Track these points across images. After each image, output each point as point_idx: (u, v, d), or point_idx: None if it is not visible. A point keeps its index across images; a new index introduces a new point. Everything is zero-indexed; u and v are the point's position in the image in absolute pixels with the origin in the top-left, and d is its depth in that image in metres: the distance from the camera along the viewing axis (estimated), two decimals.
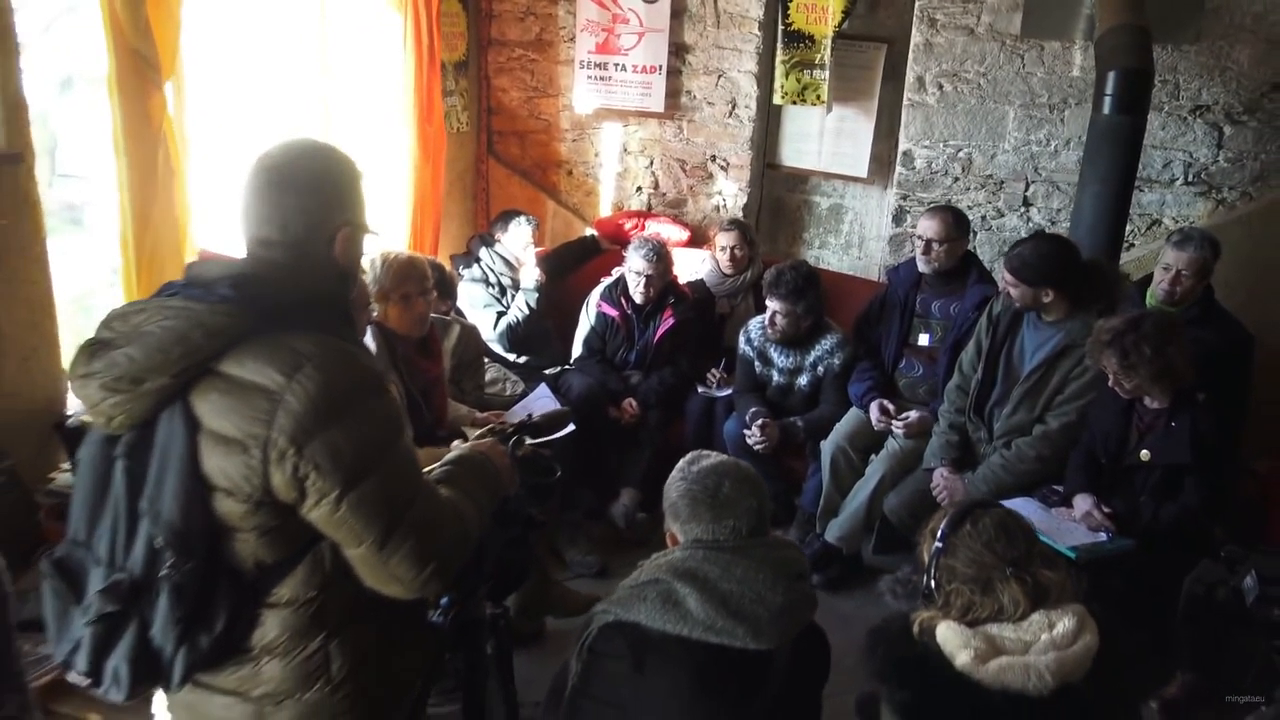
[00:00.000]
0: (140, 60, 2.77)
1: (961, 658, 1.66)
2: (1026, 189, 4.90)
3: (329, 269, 1.66)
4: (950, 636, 1.71)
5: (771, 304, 4.10)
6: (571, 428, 2.93)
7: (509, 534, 1.98)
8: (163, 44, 2.82)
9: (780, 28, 4.95)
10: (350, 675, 1.66)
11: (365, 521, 1.54)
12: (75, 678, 1.60)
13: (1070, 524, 3.16)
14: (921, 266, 3.99)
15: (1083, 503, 3.20)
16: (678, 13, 5.05)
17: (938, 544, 1.83)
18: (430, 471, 1.77)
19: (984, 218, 4.97)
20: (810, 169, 5.35)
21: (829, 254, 5.55)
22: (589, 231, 5.26)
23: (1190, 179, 4.71)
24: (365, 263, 3.19)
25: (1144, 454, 3.16)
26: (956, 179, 4.97)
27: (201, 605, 1.55)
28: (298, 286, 1.59)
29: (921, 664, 1.70)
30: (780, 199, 5.57)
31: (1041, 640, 1.69)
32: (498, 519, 1.90)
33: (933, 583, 1.82)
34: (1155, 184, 4.74)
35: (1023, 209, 4.92)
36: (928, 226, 3.94)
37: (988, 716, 1.62)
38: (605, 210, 5.43)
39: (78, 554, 1.63)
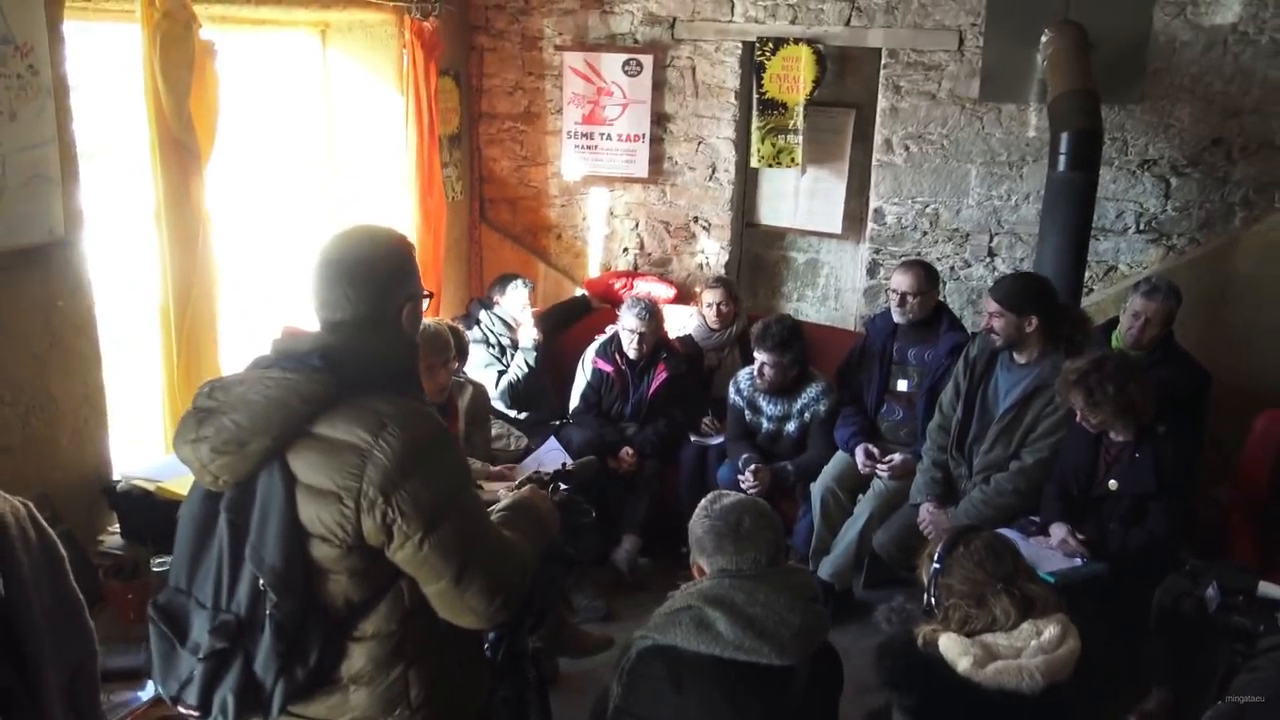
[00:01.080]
0: (182, 147, 3.02)
1: (963, 664, 1.90)
2: (990, 241, 5.22)
3: (397, 339, 1.89)
4: (951, 646, 1.95)
5: (760, 355, 4.37)
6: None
7: (549, 573, 2.20)
8: (203, 133, 3.07)
9: (755, 96, 5.27)
10: (427, 700, 1.87)
11: (444, 560, 1.76)
12: (185, 710, 1.80)
13: (1048, 551, 3.42)
14: (897, 318, 4.29)
15: (1058, 531, 3.46)
16: (659, 85, 5.37)
17: (935, 565, 2.07)
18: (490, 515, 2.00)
19: (952, 268, 5.29)
20: (787, 226, 5.66)
21: (807, 306, 5.84)
22: (579, 291, 5.53)
23: (1142, 227, 5.05)
24: None
25: (1111, 484, 3.44)
26: (925, 233, 5.28)
27: (298, 641, 1.76)
28: (374, 356, 1.82)
29: (926, 671, 1.94)
30: (759, 255, 5.87)
31: (1031, 645, 1.93)
32: (543, 557, 2.13)
33: (933, 600, 2.06)
34: (1110, 233, 5.08)
35: (988, 259, 5.24)
36: (901, 280, 4.24)
37: (987, 714, 1.86)
38: (594, 271, 5.70)
39: (179, 600, 1.84)
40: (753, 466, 4.32)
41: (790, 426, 4.50)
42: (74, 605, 2.12)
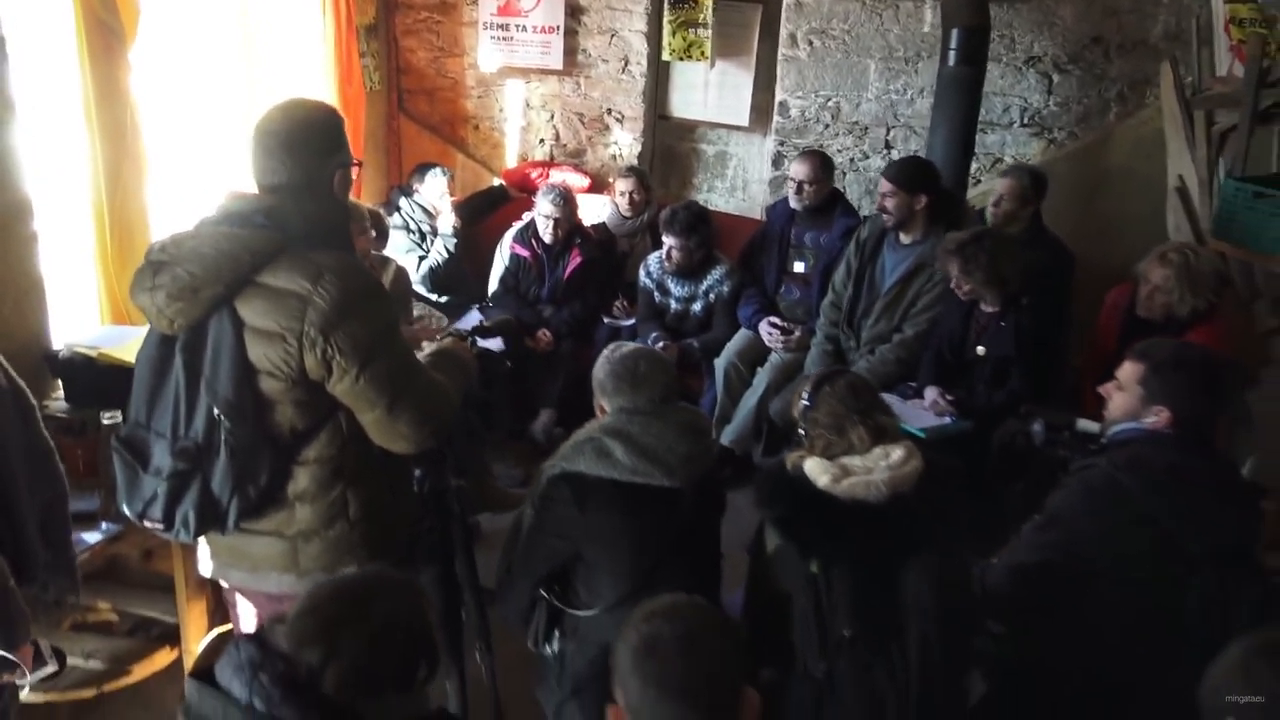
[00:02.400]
0: (107, 30, 3.13)
1: (822, 480, 2.23)
2: (888, 134, 5.52)
3: (330, 202, 2.12)
4: (814, 467, 2.28)
5: (667, 240, 4.65)
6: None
7: (469, 420, 2.48)
8: (126, 14, 3.17)
9: None
10: (363, 517, 2.16)
11: (378, 391, 2.03)
12: (150, 525, 2.06)
13: (921, 411, 3.81)
14: (794, 204, 4.59)
15: (930, 393, 3.85)
16: None
17: (804, 403, 2.40)
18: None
19: (851, 160, 5.59)
20: (697, 119, 5.89)
21: (716, 196, 6.10)
22: (497, 181, 5.71)
23: (1025, 121, 5.39)
24: None
25: (979, 350, 3.83)
26: (827, 126, 5.56)
27: (250, 463, 2.03)
28: (310, 216, 2.05)
29: (792, 487, 2.27)
30: (671, 147, 6.10)
31: (880, 465, 2.27)
32: (463, 404, 2.41)
33: (802, 431, 2.40)
34: (997, 126, 5.41)
35: (885, 151, 5.54)
36: (798, 169, 4.54)
37: (841, 519, 2.20)
38: (511, 162, 5.88)
39: (140, 433, 2.09)
40: (661, 344, 4.63)
41: (696, 306, 4.81)
42: (44, 449, 2.34)
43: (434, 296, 5.01)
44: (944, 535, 2.29)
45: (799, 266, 4.67)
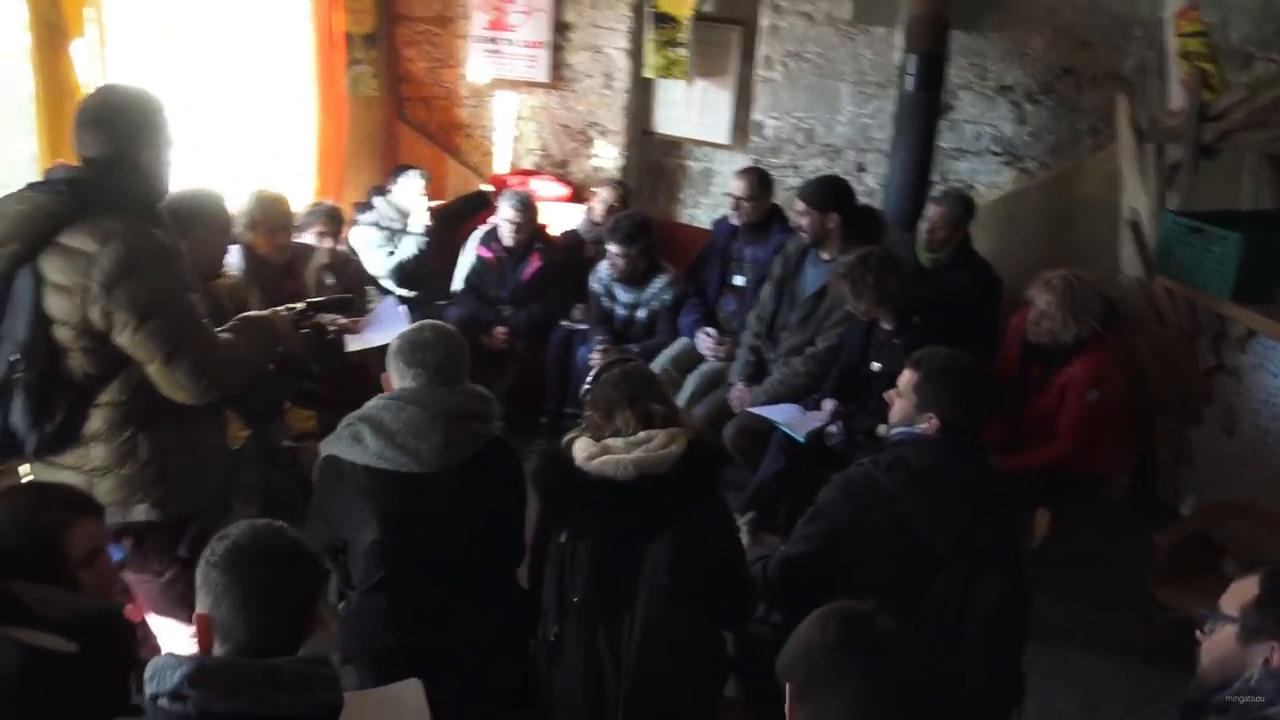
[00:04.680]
0: (53, 29, 3.47)
1: (580, 457, 2.39)
2: (859, 156, 5.62)
3: (137, 177, 2.37)
4: (579, 446, 2.44)
5: (610, 247, 4.83)
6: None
7: (297, 382, 2.70)
8: (69, 6, 3.51)
9: (649, 9, 5.63)
10: (153, 459, 2.40)
11: (155, 345, 2.27)
12: None
13: (812, 419, 3.91)
14: (733, 219, 4.74)
15: (827, 404, 3.95)
16: None
17: (585, 387, 2.56)
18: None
19: None
20: (680, 135, 6.06)
21: (700, 213, 6.24)
22: (484, 187, 5.97)
23: (997, 150, 5.43)
24: (245, 196, 3.94)
25: (875, 365, 3.91)
26: (801, 146, 5.68)
27: (45, 402, 2.29)
28: (113, 188, 2.31)
29: (556, 463, 2.43)
30: (659, 163, 6.28)
31: (638, 449, 2.41)
32: (284, 368, 2.63)
33: (582, 414, 2.56)
34: (968, 154, 5.46)
35: (857, 174, 5.62)
36: (736, 185, 4.68)
37: (587, 491, 2.34)
38: (502, 169, 6.14)
39: None
40: (600, 346, 4.81)
41: (640, 313, 4.97)
42: None
43: (402, 291, 5.27)
44: (697, 517, 2.41)
45: (738, 280, 4.80)
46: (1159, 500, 4.78)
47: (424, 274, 5.32)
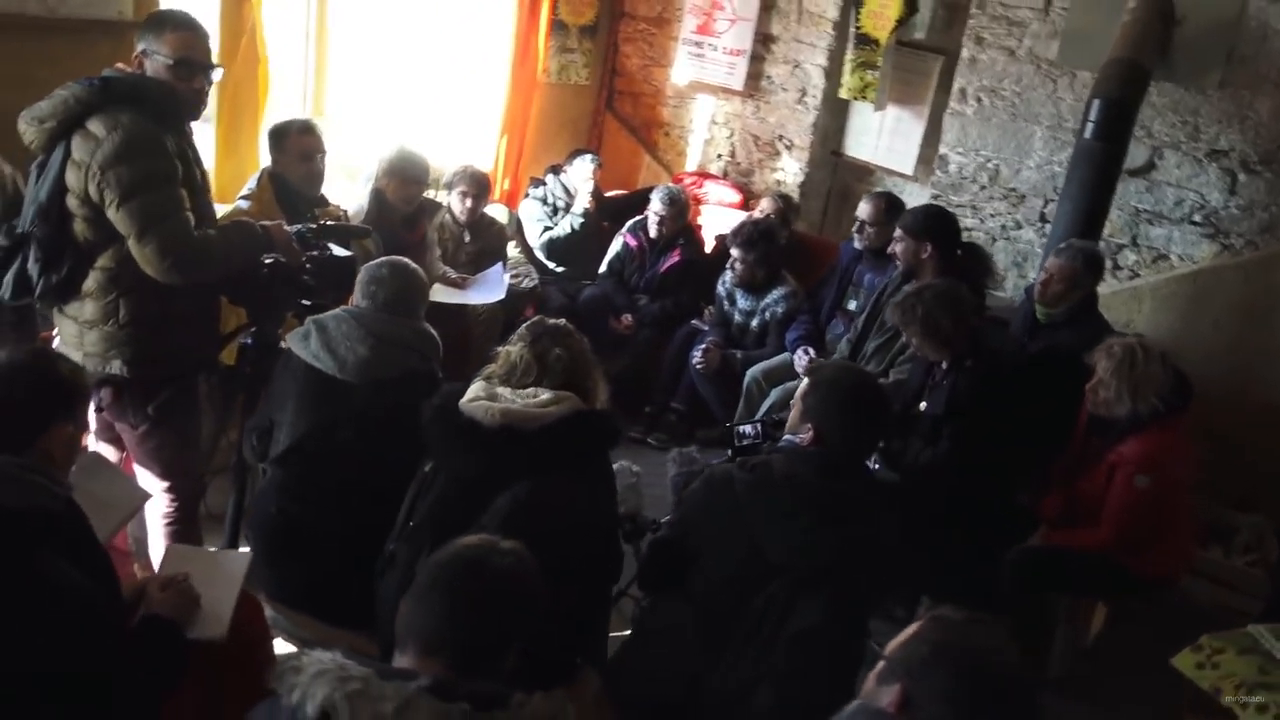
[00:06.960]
0: None
1: (464, 399, 2.50)
2: (1044, 205, 5.22)
3: (155, 82, 2.76)
4: (474, 386, 2.55)
5: (733, 251, 4.85)
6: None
7: (278, 290, 3.00)
8: None
9: (852, 29, 5.56)
10: (131, 322, 2.77)
11: (131, 221, 2.64)
12: None
13: None
14: (856, 243, 4.62)
15: None
16: (767, 6, 5.81)
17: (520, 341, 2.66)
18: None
19: (1003, 227, 5.35)
20: (867, 160, 5.92)
21: None
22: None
23: (1199, 220, 4.86)
24: (388, 150, 4.41)
25: (922, 405, 3.69)
26: (983, 187, 5.37)
27: (54, 255, 2.72)
28: (136, 87, 2.72)
29: (445, 395, 2.55)
30: (849, 186, 6.16)
31: (519, 400, 2.48)
32: (284, 283, 2.95)
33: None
34: (1166, 220, 4.94)
35: (1040, 224, 5.24)
36: (864, 209, 4.55)
37: (457, 430, 2.44)
38: (690, 169, 6.29)
39: None
40: (705, 346, 4.85)
41: (754, 321, 4.95)
42: None
43: (551, 265, 5.55)
44: (558, 484, 2.43)
45: (852, 304, 4.67)
46: None
47: (575, 253, 5.57)
